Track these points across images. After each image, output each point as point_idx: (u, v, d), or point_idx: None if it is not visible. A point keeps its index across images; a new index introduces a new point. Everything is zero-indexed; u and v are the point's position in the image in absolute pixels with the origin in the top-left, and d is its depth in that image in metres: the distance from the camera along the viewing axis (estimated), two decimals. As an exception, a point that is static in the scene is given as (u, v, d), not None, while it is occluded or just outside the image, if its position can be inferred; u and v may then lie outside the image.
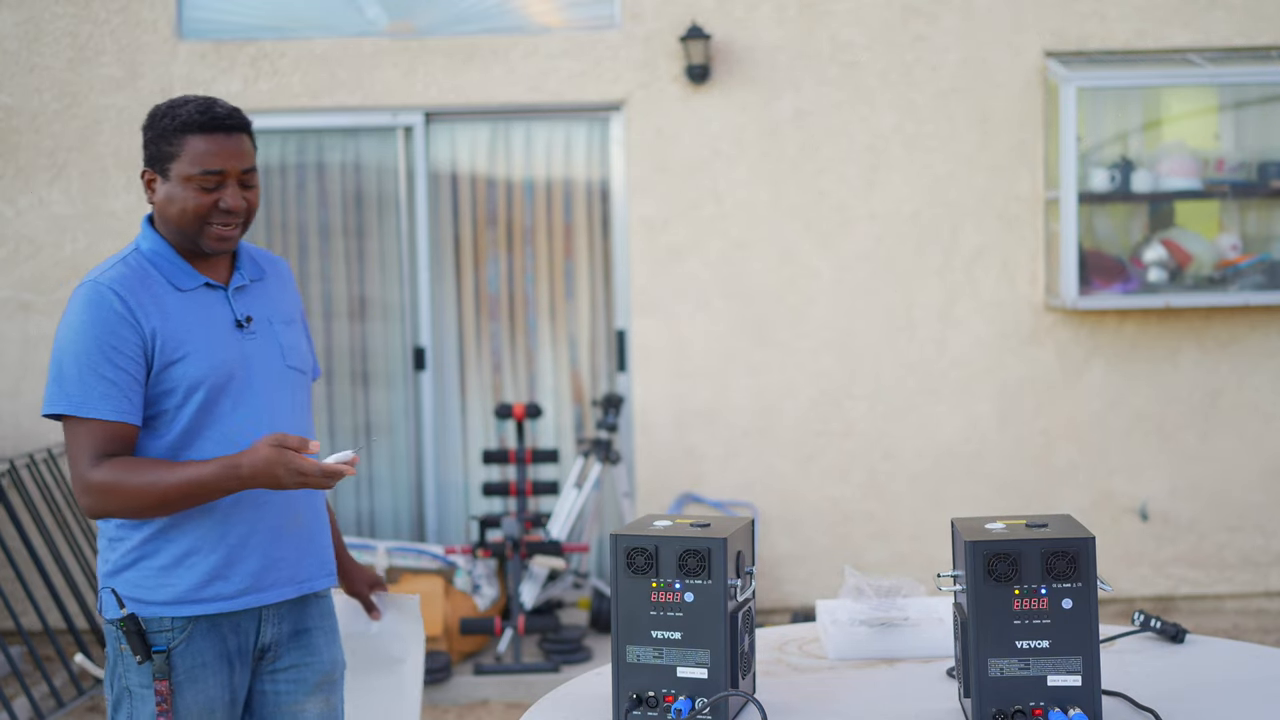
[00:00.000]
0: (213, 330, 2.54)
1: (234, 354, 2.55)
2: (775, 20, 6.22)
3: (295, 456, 2.39)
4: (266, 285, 2.68)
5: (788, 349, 6.29)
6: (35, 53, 6.18)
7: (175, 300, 2.53)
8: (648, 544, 2.11)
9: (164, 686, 2.50)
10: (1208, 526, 6.36)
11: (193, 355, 2.50)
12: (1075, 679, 2.02)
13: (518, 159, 6.47)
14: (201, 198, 2.50)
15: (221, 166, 2.50)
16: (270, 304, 2.66)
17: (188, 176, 2.49)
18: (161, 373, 2.49)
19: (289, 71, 6.20)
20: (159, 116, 2.53)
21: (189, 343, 2.50)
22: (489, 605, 5.79)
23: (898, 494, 6.34)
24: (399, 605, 2.91)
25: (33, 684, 5.48)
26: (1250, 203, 6.27)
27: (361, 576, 2.89)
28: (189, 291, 2.55)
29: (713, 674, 2.08)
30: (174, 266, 2.55)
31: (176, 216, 2.52)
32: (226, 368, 2.53)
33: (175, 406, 2.50)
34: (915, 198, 6.27)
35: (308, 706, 2.68)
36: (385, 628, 2.90)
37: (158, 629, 2.52)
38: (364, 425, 6.50)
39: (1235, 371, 6.31)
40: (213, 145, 2.49)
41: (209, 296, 2.57)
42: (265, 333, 2.62)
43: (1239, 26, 6.22)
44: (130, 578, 2.53)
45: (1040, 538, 2.04)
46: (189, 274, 2.56)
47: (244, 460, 2.42)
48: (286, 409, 2.61)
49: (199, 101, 2.52)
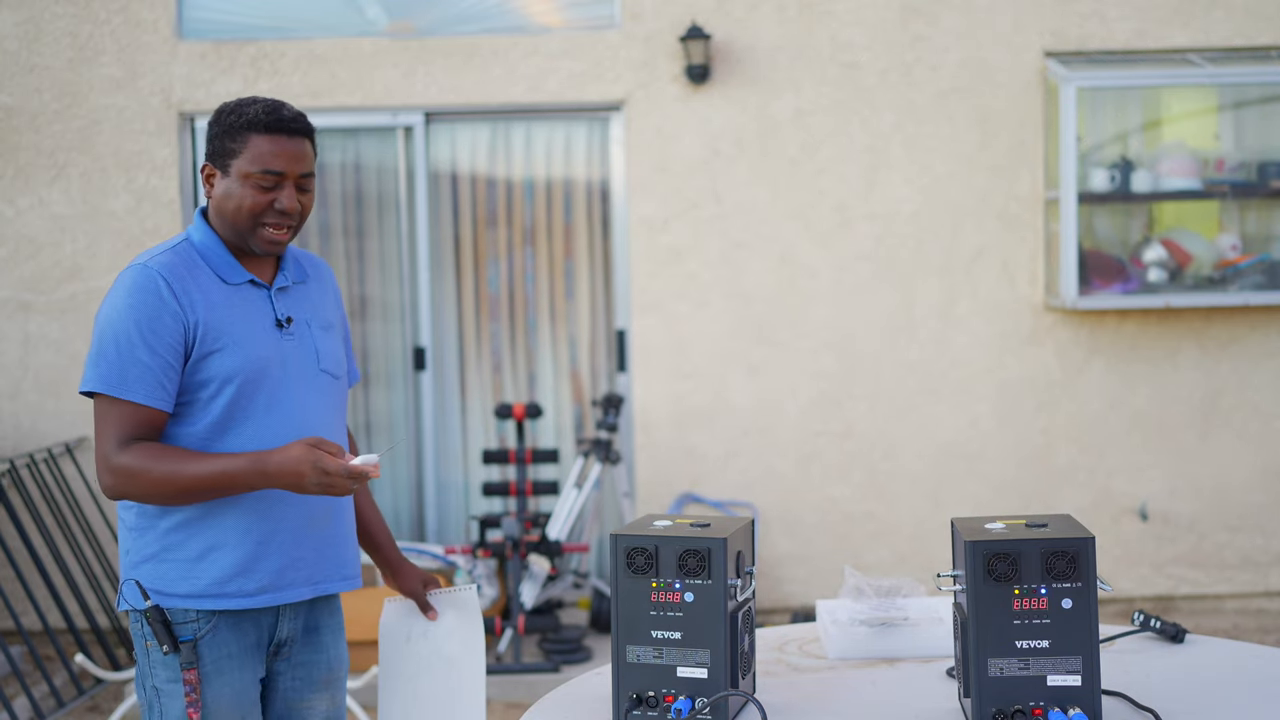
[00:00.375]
0: (253, 326, 2.56)
1: (271, 352, 2.57)
2: (775, 20, 6.22)
3: (325, 456, 2.41)
4: (308, 288, 2.71)
5: (788, 349, 6.29)
6: (35, 53, 6.18)
7: (220, 292, 2.55)
8: (648, 544, 2.11)
9: (193, 675, 2.51)
10: (1208, 526, 6.36)
11: (231, 348, 2.52)
12: (1075, 679, 2.03)
13: (518, 159, 6.47)
14: (259, 196, 2.53)
15: (282, 168, 2.53)
16: (311, 307, 2.69)
17: (247, 174, 2.52)
18: (199, 362, 2.50)
19: (289, 71, 6.20)
20: (226, 113, 2.56)
21: (228, 335, 2.53)
22: (489, 605, 5.79)
23: (898, 494, 6.34)
24: (455, 601, 2.88)
25: (33, 684, 5.48)
26: (1250, 203, 6.27)
27: (415, 575, 2.88)
28: (234, 286, 2.57)
29: (713, 674, 2.08)
30: (222, 260, 2.58)
31: (232, 213, 2.55)
32: (262, 364, 2.55)
33: (209, 397, 2.52)
34: (915, 198, 6.27)
35: (315, 703, 2.70)
36: (443, 626, 2.86)
37: (182, 620, 2.54)
38: (364, 425, 6.50)
39: (1235, 371, 6.31)
40: (275, 146, 2.53)
41: (252, 294, 2.60)
42: (303, 335, 2.64)
43: (1239, 26, 6.22)
44: (154, 570, 2.55)
45: (1040, 538, 2.04)
46: (236, 269, 2.58)
47: (274, 457, 2.44)
48: (317, 411, 2.63)
49: (267, 102, 2.56)
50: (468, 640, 2.87)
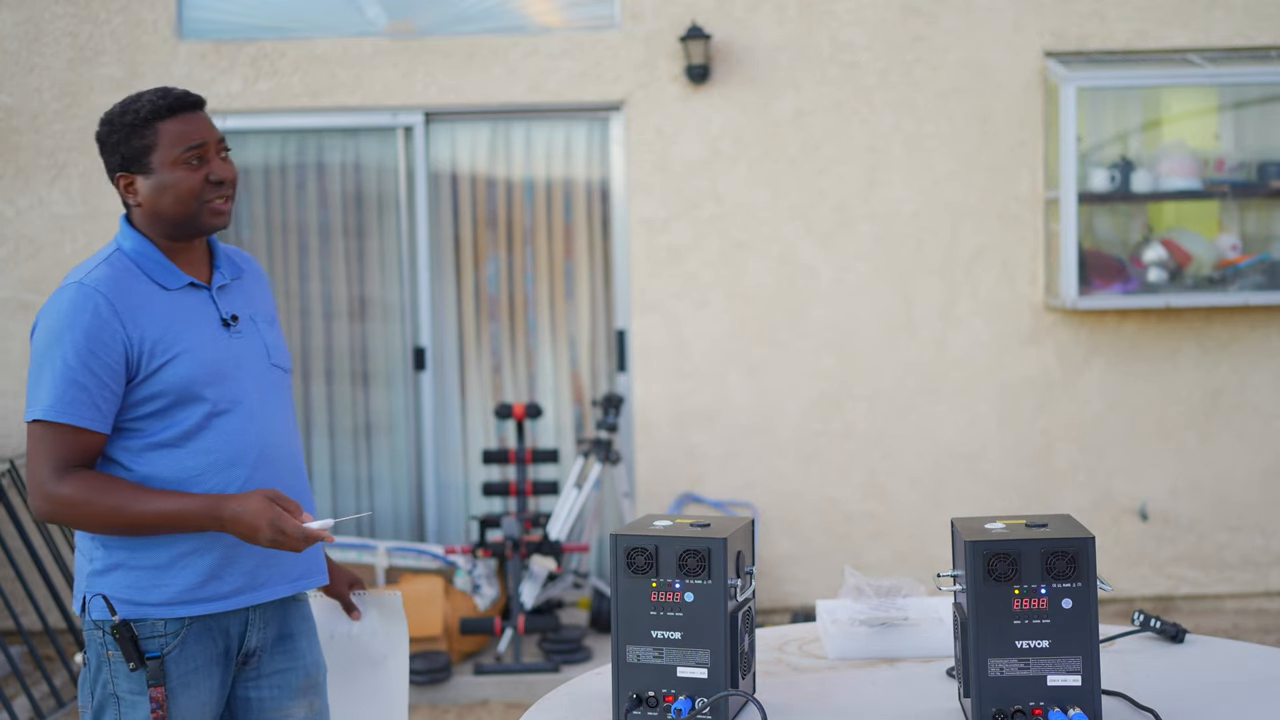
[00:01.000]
0: (201, 330, 2.52)
1: (223, 353, 2.53)
2: (775, 20, 6.22)
3: (284, 515, 2.38)
4: (246, 284, 2.68)
5: (788, 349, 6.29)
6: (35, 53, 6.18)
7: (161, 300, 2.50)
8: (648, 544, 2.11)
9: (159, 693, 2.45)
10: (1208, 526, 6.36)
11: (183, 356, 2.47)
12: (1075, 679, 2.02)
13: (518, 159, 6.47)
14: (193, 175, 2.49)
15: (203, 138, 2.50)
16: (251, 302, 2.66)
17: (174, 159, 2.48)
18: (151, 376, 2.45)
19: (289, 71, 6.20)
20: (118, 118, 2.51)
21: (179, 343, 2.48)
22: (489, 605, 5.79)
23: (898, 494, 6.34)
24: (380, 604, 2.87)
25: (33, 684, 5.48)
26: (1250, 203, 6.27)
27: (340, 576, 2.84)
28: (174, 291, 2.52)
29: (713, 674, 2.08)
30: (158, 266, 2.52)
31: (172, 204, 2.50)
32: (217, 367, 2.51)
33: (165, 408, 2.47)
34: (915, 198, 6.27)
35: (293, 711, 2.65)
36: (366, 627, 2.85)
37: (150, 634, 2.47)
38: (364, 425, 6.50)
39: (1235, 371, 6.31)
40: (185, 124, 2.50)
41: (194, 296, 2.55)
42: (250, 331, 2.61)
43: (1239, 26, 6.22)
44: (121, 578, 2.47)
45: (1040, 538, 2.04)
46: (173, 273, 2.53)
47: (230, 505, 2.40)
48: (274, 408, 2.59)
49: (154, 91, 2.52)
50: (392, 642, 2.86)
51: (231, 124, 6.28)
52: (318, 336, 6.46)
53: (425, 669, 5.40)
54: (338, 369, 6.49)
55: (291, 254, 6.46)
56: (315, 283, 6.46)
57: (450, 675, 5.49)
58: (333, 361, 6.49)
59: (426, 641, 5.54)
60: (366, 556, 5.87)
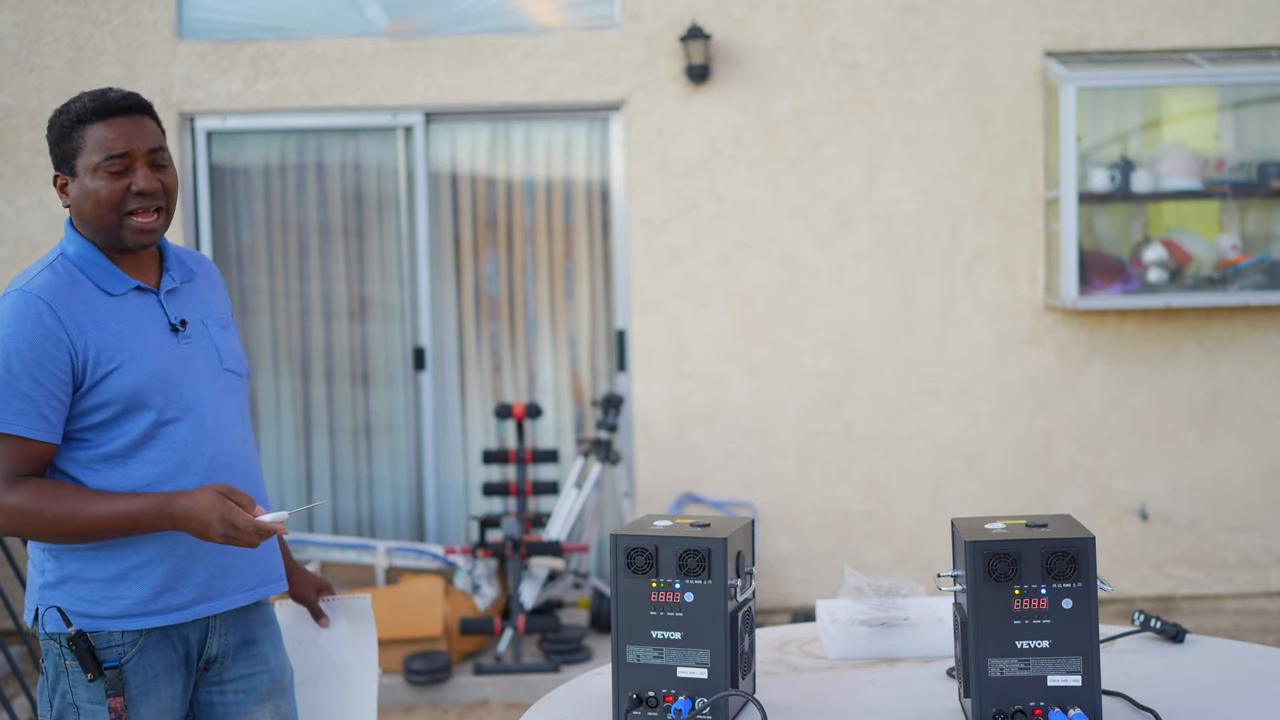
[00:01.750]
0: (147, 337, 2.45)
1: (171, 360, 2.46)
2: (775, 20, 6.22)
3: (234, 509, 2.33)
4: (197, 286, 2.60)
5: (788, 349, 6.29)
6: (35, 53, 6.18)
7: (106, 306, 2.43)
8: (648, 544, 2.11)
9: (118, 703, 2.41)
10: (1208, 526, 6.36)
11: (128, 364, 2.41)
12: (1075, 679, 2.02)
13: (518, 159, 6.47)
14: (113, 184, 2.41)
15: (125, 148, 2.41)
16: (203, 306, 2.59)
17: (95, 165, 2.41)
18: (96, 385, 2.40)
19: (289, 71, 6.20)
20: (55, 116, 2.46)
21: (124, 351, 2.41)
22: (489, 605, 5.79)
23: (898, 494, 6.34)
24: (349, 609, 2.83)
25: (33, 684, 5.48)
26: (1250, 203, 6.27)
27: (308, 582, 2.81)
28: (119, 296, 2.45)
29: (713, 674, 2.08)
30: (102, 270, 2.45)
31: (92, 212, 2.42)
32: (165, 374, 2.44)
33: (113, 417, 2.41)
34: (915, 198, 6.27)
35: (258, 716, 2.61)
36: (335, 634, 2.81)
37: (107, 644, 2.43)
38: (364, 425, 6.50)
39: (1235, 371, 6.31)
40: (111, 130, 2.41)
41: (140, 301, 2.48)
42: (201, 336, 2.54)
43: (1239, 26, 6.22)
44: (74, 591, 2.44)
45: (1040, 538, 2.04)
46: (119, 278, 2.46)
47: (181, 501, 2.35)
48: (227, 414, 2.53)
49: (92, 92, 2.46)
50: (360, 648, 2.84)
51: (231, 124, 6.28)
52: (318, 336, 6.46)
53: (425, 669, 5.40)
54: (338, 369, 6.49)
55: (291, 254, 6.46)
56: (315, 283, 6.46)
57: (450, 675, 5.49)
58: (333, 361, 6.49)
59: (426, 641, 5.54)
60: (366, 556, 5.87)
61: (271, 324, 6.48)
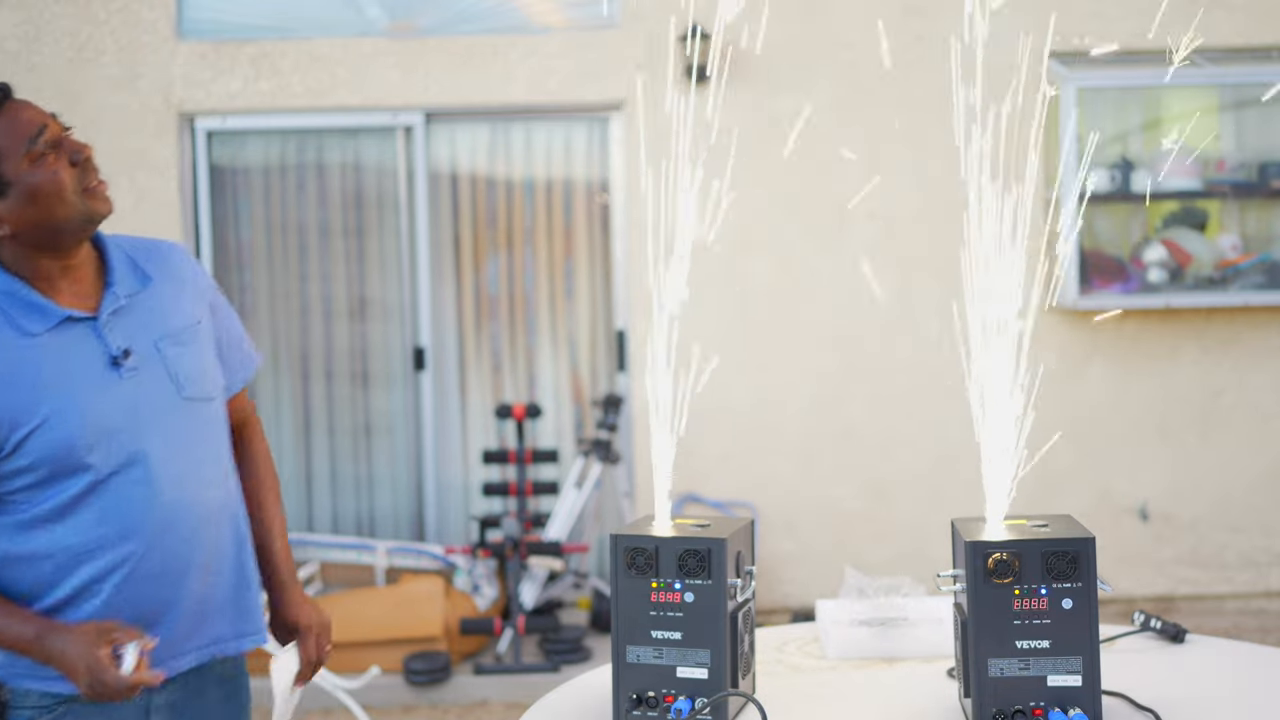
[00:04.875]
0: (78, 380, 2.10)
1: (110, 404, 2.11)
2: (776, 20, 6.20)
3: (103, 665, 2.00)
4: (154, 294, 2.22)
5: (788, 349, 6.29)
6: (35, 53, 6.18)
7: (23, 353, 2.07)
8: (648, 544, 2.11)
9: None
10: (1208, 526, 6.35)
11: (53, 419, 2.06)
12: (1075, 679, 2.02)
13: (517, 159, 6.47)
14: (57, 164, 2.12)
15: (42, 121, 2.14)
16: (159, 320, 2.20)
17: (28, 154, 2.10)
18: (17, 450, 2.06)
19: (289, 71, 6.20)
20: None
21: (46, 404, 2.06)
22: (489, 605, 5.79)
23: (898, 494, 6.34)
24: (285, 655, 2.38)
25: None
26: (1250, 203, 6.26)
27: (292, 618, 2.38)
28: (41, 335, 2.09)
29: (713, 674, 2.08)
30: (22, 305, 2.10)
31: (52, 208, 2.10)
32: (100, 424, 2.09)
33: (41, 481, 2.08)
34: (915, 197, 6.27)
35: None
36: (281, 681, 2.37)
37: (22, 704, 2.13)
38: (364, 425, 6.50)
39: (1235, 371, 6.31)
40: (14, 113, 2.13)
41: (72, 334, 2.11)
42: (151, 364, 2.16)
43: (1239, 26, 6.22)
44: None
45: (1040, 538, 2.04)
46: (44, 311, 2.10)
47: (55, 642, 2.04)
48: (186, 455, 2.17)
49: None
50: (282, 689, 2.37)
51: (231, 124, 6.28)
52: (318, 336, 6.46)
53: (425, 669, 5.40)
54: (338, 369, 6.49)
55: (291, 254, 6.46)
56: (315, 283, 6.46)
57: (450, 675, 5.48)
58: (333, 361, 6.48)
59: (426, 641, 5.54)
60: (366, 556, 5.87)
61: (271, 324, 6.48)
